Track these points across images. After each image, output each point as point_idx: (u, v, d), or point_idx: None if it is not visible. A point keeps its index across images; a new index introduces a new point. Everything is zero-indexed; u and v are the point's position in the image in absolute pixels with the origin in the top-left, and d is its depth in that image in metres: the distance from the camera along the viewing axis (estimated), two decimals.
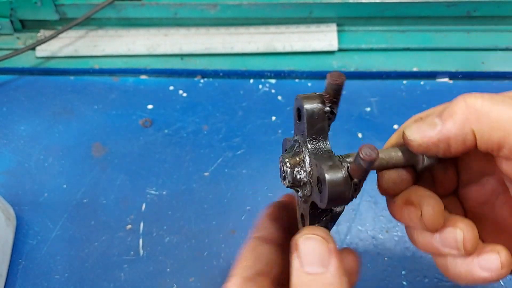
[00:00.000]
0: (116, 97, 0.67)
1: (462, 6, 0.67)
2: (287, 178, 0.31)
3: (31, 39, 0.73)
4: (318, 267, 0.27)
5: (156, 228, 0.56)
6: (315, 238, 0.28)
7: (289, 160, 0.31)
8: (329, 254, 0.28)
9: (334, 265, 0.27)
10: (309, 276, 0.27)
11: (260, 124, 0.63)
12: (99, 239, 0.55)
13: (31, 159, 0.62)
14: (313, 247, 0.28)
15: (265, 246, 0.33)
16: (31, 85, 0.69)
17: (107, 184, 0.59)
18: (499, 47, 0.68)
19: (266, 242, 0.33)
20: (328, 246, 0.28)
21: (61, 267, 0.54)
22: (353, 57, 0.69)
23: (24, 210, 0.58)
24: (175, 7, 0.70)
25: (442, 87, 0.65)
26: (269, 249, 0.33)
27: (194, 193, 0.58)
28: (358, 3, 0.68)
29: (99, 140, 0.63)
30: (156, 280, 0.52)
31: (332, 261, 0.27)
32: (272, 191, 0.57)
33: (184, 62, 0.70)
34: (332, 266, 0.27)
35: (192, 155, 0.61)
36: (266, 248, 0.33)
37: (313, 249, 0.28)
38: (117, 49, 0.71)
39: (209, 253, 0.54)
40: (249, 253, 0.33)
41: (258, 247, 0.33)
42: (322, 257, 0.27)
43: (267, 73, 0.68)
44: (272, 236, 0.34)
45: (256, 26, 0.71)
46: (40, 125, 0.65)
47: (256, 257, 0.32)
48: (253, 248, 0.33)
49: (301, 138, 0.32)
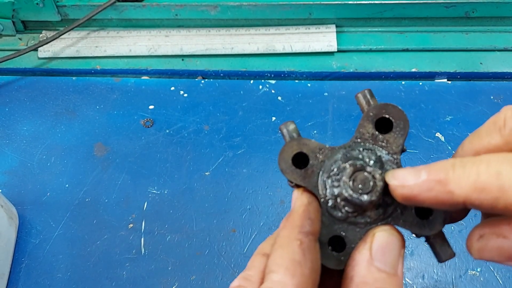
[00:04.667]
0: (117, 97, 0.68)
1: (460, 7, 0.68)
2: (373, 194, 0.26)
3: (33, 40, 0.74)
4: (390, 268, 0.25)
5: (158, 227, 0.56)
6: (398, 237, 0.26)
7: (382, 174, 0.26)
8: (400, 258, 0.26)
9: (401, 270, 0.26)
10: (382, 274, 0.25)
11: (260, 124, 0.63)
12: (101, 238, 0.56)
13: (33, 159, 0.62)
14: (392, 246, 0.26)
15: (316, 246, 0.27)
16: (33, 85, 0.70)
17: (109, 184, 0.60)
18: (497, 48, 0.69)
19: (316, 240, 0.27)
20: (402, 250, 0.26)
21: (63, 266, 0.54)
22: (352, 57, 0.69)
23: (26, 209, 0.58)
24: (176, 8, 0.70)
25: (441, 87, 0.66)
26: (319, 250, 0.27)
27: (195, 192, 0.58)
28: (357, 5, 0.68)
29: (101, 140, 0.64)
30: (158, 278, 0.53)
31: (400, 266, 0.26)
32: (272, 190, 0.58)
33: (185, 63, 0.71)
34: (399, 271, 0.26)
35: (193, 154, 0.61)
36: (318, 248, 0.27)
37: (392, 248, 0.26)
38: (119, 50, 0.71)
39: (210, 252, 0.54)
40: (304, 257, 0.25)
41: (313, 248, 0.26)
42: (396, 259, 0.26)
43: (267, 74, 0.69)
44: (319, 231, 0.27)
45: (256, 27, 0.72)
46: (42, 125, 0.66)
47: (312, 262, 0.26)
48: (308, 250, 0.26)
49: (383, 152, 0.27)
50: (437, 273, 0.52)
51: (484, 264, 0.51)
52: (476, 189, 0.22)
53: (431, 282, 0.51)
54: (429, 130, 0.61)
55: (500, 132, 0.24)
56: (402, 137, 0.27)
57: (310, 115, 0.63)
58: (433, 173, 0.24)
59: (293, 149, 0.28)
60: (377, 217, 0.27)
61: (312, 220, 0.27)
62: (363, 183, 0.26)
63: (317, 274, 0.26)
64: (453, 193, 0.23)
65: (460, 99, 0.64)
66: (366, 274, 0.25)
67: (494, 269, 0.51)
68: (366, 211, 0.27)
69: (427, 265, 0.52)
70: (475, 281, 0.51)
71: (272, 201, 0.57)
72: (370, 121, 0.28)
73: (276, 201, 0.57)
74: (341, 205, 0.27)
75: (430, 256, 0.52)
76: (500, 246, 0.24)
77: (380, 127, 0.28)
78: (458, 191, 0.23)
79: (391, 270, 0.25)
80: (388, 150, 0.28)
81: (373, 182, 0.26)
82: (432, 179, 0.24)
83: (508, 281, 0.51)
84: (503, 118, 0.24)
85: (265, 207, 0.57)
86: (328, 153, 0.28)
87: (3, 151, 0.63)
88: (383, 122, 0.28)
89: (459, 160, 0.24)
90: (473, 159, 0.23)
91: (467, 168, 0.23)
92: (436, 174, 0.24)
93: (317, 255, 0.26)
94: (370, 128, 0.28)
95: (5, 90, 0.70)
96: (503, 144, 0.24)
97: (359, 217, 0.27)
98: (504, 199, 0.22)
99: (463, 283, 0.51)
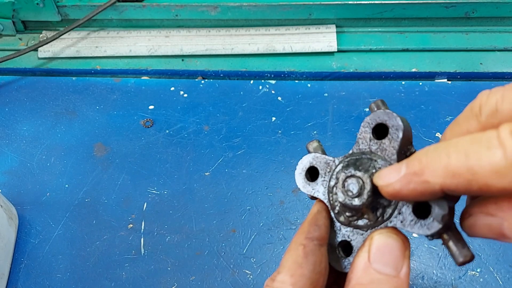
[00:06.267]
0: (117, 97, 0.68)
1: (460, 7, 0.68)
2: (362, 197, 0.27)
3: (33, 40, 0.74)
4: (391, 269, 0.26)
5: (157, 227, 0.56)
6: (397, 239, 0.26)
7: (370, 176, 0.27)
8: (403, 259, 0.26)
9: (405, 271, 0.26)
10: (379, 275, 0.25)
11: (260, 125, 0.63)
12: (101, 238, 0.56)
13: (33, 159, 0.62)
14: (391, 247, 0.26)
15: (321, 250, 0.29)
16: (33, 85, 0.70)
17: (109, 184, 0.60)
18: (498, 48, 0.69)
19: (321, 244, 0.29)
20: (406, 251, 0.26)
21: (63, 266, 0.54)
22: (352, 58, 0.69)
23: (26, 209, 0.58)
24: (176, 8, 0.70)
25: (441, 87, 0.66)
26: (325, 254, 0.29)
27: (195, 192, 0.58)
28: (357, 5, 0.68)
29: (101, 140, 0.64)
30: (157, 279, 0.53)
31: (405, 267, 0.26)
32: (272, 191, 0.58)
33: (185, 63, 0.71)
34: (403, 272, 0.26)
35: (193, 155, 0.61)
36: (323, 252, 0.29)
37: (391, 249, 0.26)
38: (119, 50, 0.71)
39: (209, 252, 0.54)
40: (305, 259, 0.28)
41: (316, 252, 0.28)
42: (397, 260, 0.26)
43: (267, 74, 0.69)
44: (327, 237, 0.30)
45: (256, 27, 0.72)
46: (42, 125, 0.66)
47: (313, 264, 0.28)
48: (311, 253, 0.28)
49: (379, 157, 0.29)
50: (436, 274, 0.51)
51: (484, 265, 0.51)
52: (449, 174, 0.22)
53: (431, 283, 0.51)
54: (429, 131, 0.61)
55: (477, 118, 0.24)
56: (397, 140, 0.28)
57: (310, 115, 0.63)
58: (410, 165, 0.24)
59: (305, 164, 0.31)
60: (376, 219, 0.28)
61: (319, 226, 0.29)
62: (352, 188, 0.27)
63: (319, 275, 0.28)
64: (428, 182, 0.23)
65: (460, 100, 0.64)
66: (363, 276, 0.26)
67: (494, 269, 0.51)
68: (363, 214, 0.28)
69: (426, 266, 0.52)
70: (475, 281, 0.51)
71: (272, 201, 0.57)
72: (368, 129, 0.29)
73: (276, 201, 0.57)
74: (342, 210, 0.29)
75: (429, 256, 0.52)
76: (488, 223, 0.24)
77: (378, 134, 0.29)
78: (432, 179, 0.23)
79: (392, 272, 0.26)
80: (384, 154, 0.29)
81: (362, 185, 0.27)
82: (409, 172, 0.24)
83: (508, 281, 0.51)
84: (478, 104, 0.24)
85: (265, 208, 0.57)
86: (333, 164, 0.30)
87: (3, 151, 0.64)
88: (380, 128, 0.29)
89: (433, 147, 0.24)
90: (444, 144, 0.23)
91: (438, 154, 0.23)
92: (412, 166, 0.24)
93: (321, 258, 0.28)
94: (368, 135, 0.29)
95: (5, 90, 0.70)
96: (480, 129, 0.24)
97: (360, 221, 0.28)
98: (476, 181, 0.21)
99: (463, 283, 0.51)
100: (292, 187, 0.58)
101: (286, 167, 0.59)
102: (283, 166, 0.60)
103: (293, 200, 0.57)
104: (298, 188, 0.31)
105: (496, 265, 0.51)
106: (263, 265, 0.53)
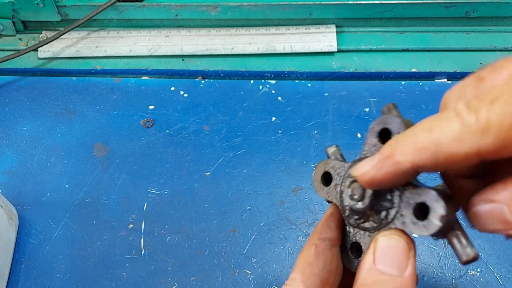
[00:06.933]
0: (117, 97, 0.68)
1: (460, 7, 0.68)
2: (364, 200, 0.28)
3: (33, 40, 0.74)
4: (394, 270, 0.26)
5: (158, 227, 0.56)
6: (399, 240, 0.27)
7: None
8: (408, 259, 0.26)
9: (410, 271, 0.26)
10: (383, 276, 0.26)
11: (260, 125, 0.63)
12: (101, 238, 0.56)
13: (33, 159, 0.62)
14: (394, 248, 0.27)
15: (333, 250, 0.30)
16: (33, 85, 0.70)
17: (109, 184, 0.60)
18: (498, 48, 0.69)
19: (333, 245, 0.30)
20: (410, 252, 0.27)
21: (63, 266, 0.54)
22: (352, 58, 0.69)
23: (26, 209, 0.58)
24: (176, 8, 0.70)
25: (441, 87, 0.66)
26: (337, 254, 0.30)
27: (195, 192, 0.58)
28: (357, 5, 0.68)
29: (101, 140, 0.64)
30: (158, 279, 0.53)
31: (409, 267, 0.26)
32: (272, 191, 0.58)
33: (185, 63, 0.71)
34: (408, 272, 0.26)
35: (193, 155, 0.61)
36: (335, 252, 0.30)
37: (394, 250, 0.27)
38: (119, 50, 0.71)
39: (210, 252, 0.54)
40: (316, 258, 0.29)
41: (327, 251, 0.30)
42: (400, 260, 0.26)
43: (267, 74, 0.69)
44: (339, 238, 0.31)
45: (257, 27, 0.72)
46: (42, 125, 0.66)
47: (324, 263, 0.29)
48: (322, 252, 0.30)
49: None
50: (437, 274, 0.51)
51: (484, 264, 0.51)
52: (416, 150, 0.23)
53: (431, 282, 0.51)
54: None
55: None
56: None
57: (310, 115, 0.63)
58: (382, 151, 0.25)
59: (320, 170, 0.33)
60: (380, 221, 0.28)
61: (331, 228, 0.31)
62: (355, 192, 0.29)
63: (329, 273, 0.30)
64: (399, 162, 0.24)
65: None
66: (367, 277, 0.26)
67: (494, 269, 0.51)
68: (369, 216, 0.29)
69: (427, 266, 0.52)
70: (475, 281, 0.51)
71: (272, 201, 0.57)
72: (373, 134, 0.30)
73: (276, 201, 0.57)
74: (350, 213, 0.30)
75: (430, 256, 0.52)
76: (490, 211, 0.24)
77: (383, 138, 0.30)
78: (402, 158, 0.24)
79: (396, 272, 0.26)
80: None
81: (363, 189, 0.28)
82: (381, 157, 0.25)
83: (509, 281, 0.51)
84: (445, 100, 0.27)
85: (265, 208, 0.57)
86: (343, 169, 0.31)
87: (3, 151, 0.63)
88: (385, 132, 0.30)
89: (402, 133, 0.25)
90: (411, 127, 0.25)
91: (406, 135, 0.24)
92: (384, 151, 0.25)
93: (333, 257, 0.30)
94: (373, 140, 0.30)
95: (5, 90, 0.70)
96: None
97: (366, 223, 0.29)
98: (442, 152, 0.23)
99: (463, 283, 0.51)
100: (292, 187, 0.58)
101: (286, 167, 0.59)
102: (284, 166, 0.60)
103: (294, 200, 0.57)
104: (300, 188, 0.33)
105: (496, 264, 0.51)
106: (263, 265, 0.53)
